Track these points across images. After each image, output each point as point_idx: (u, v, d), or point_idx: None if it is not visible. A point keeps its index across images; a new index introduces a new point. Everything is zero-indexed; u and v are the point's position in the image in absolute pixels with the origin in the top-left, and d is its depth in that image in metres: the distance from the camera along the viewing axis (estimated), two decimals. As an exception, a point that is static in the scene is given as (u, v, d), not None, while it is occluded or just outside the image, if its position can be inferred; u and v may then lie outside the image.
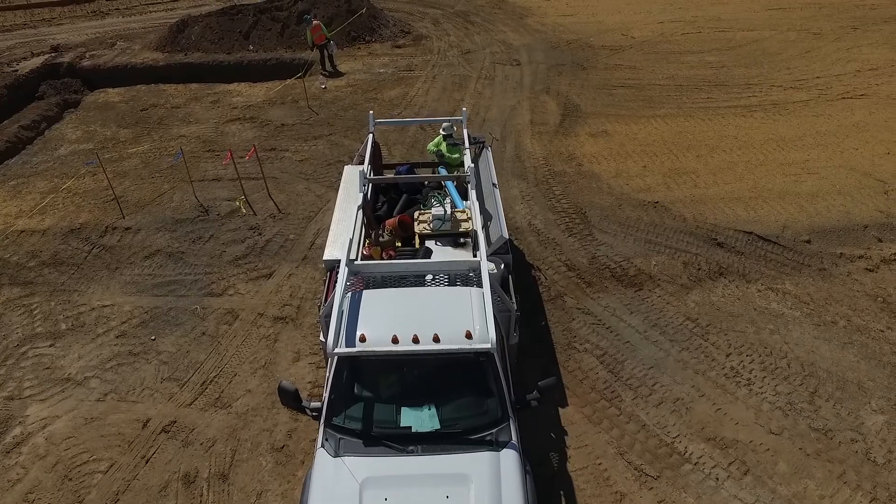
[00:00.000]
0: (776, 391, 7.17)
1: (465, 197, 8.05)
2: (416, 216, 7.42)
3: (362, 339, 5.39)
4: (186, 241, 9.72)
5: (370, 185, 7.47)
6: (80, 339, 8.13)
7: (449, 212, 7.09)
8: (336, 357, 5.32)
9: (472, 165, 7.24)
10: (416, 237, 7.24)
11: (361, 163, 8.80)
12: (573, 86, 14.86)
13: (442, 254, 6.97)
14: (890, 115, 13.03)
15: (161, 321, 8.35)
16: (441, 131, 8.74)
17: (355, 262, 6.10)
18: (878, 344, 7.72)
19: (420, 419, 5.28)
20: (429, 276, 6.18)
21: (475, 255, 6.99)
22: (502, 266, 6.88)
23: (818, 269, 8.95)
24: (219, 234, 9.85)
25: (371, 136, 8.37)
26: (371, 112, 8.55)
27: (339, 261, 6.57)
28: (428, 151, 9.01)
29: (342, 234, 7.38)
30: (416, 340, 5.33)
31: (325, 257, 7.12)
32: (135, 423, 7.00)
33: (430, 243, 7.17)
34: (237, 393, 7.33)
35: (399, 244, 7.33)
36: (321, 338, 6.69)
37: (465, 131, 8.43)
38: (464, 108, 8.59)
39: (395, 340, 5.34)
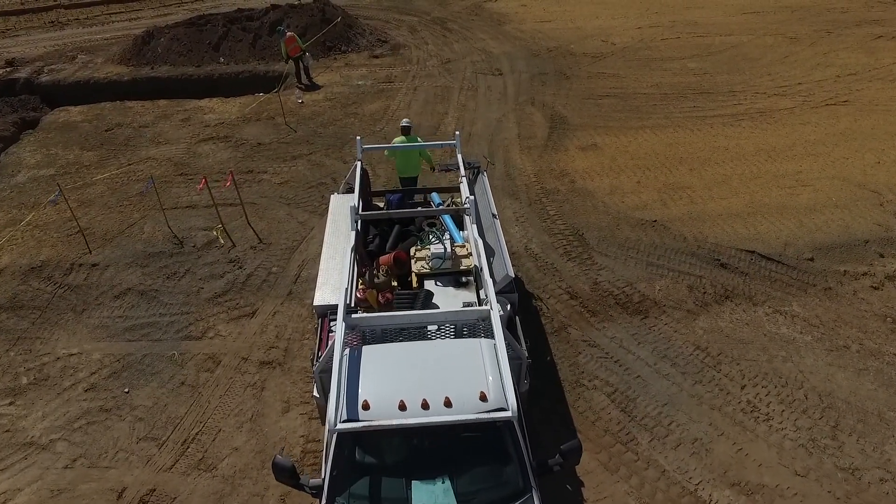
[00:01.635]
0: (797, 426, 6.77)
1: (460, 226, 7.50)
2: (412, 253, 6.80)
3: (365, 407, 4.77)
4: (160, 278, 8.92)
5: (361, 220, 6.82)
6: (43, 395, 7.31)
7: (449, 249, 6.50)
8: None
9: (472, 198, 6.66)
10: (414, 276, 6.63)
11: (349, 192, 8.16)
12: (558, 96, 14.40)
13: (443, 295, 6.38)
14: (874, 121, 12.88)
15: (135, 370, 7.57)
16: (402, 123, 8.95)
17: (353, 316, 5.46)
18: (893, 369, 7.40)
19: (433, 495, 4.68)
20: (433, 326, 5.59)
21: (479, 295, 6.43)
22: (508, 306, 6.32)
23: (823, 288, 8.62)
24: (195, 268, 9.08)
25: (359, 163, 7.72)
26: (359, 138, 7.89)
27: (332, 307, 5.97)
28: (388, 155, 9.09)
29: (332, 275, 6.75)
30: (425, 406, 4.74)
31: (315, 302, 6.46)
32: (109, 493, 6.25)
33: (428, 283, 6.57)
34: (222, 452, 6.62)
35: (395, 283, 6.71)
36: (315, 393, 6.04)
37: (458, 156, 7.83)
38: (457, 132, 8.00)
39: (402, 407, 4.74)
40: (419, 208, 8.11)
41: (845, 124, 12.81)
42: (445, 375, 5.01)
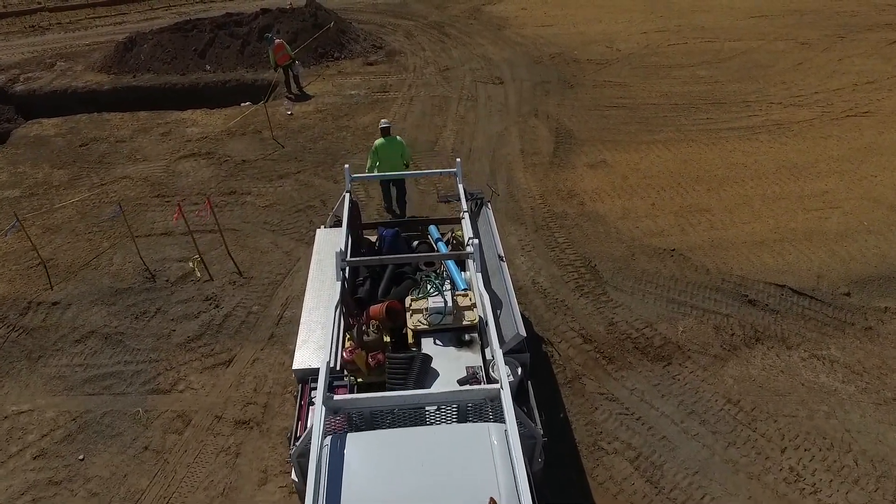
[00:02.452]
0: (849, 501, 5.81)
1: (462, 267, 6.53)
2: (408, 304, 5.82)
3: (349, 521, 3.80)
4: (128, 318, 7.91)
5: (349, 267, 5.82)
6: (-14, 464, 6.31)
7: (450, 303, 5.51)
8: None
9: (476, 241, 5.69)
10: (409, 333, 5.64)
11: (336, 225, 7.17)
12: (563, 107, 13.40)
13: (443, 357, 5.39)
14: (900, 134, 11.94)
15: (92, 432, 6.57)
16: (381, 125, 8.92)
17: (335, 398, 4.47)
18: (952, 428, 6.46)
19: None
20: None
21: (484, 355, 5.45)
22: (518, 369, 5.35)
23: (863, 328, 7.66)
24: (167, 306, 8.07)
25: (347, 195, 6.72)
26: (347, 165, 6.89)
27: (315, 371, 5.00)
28: (370, 159, 8.97)
29: (315, 330, 5.77)
30: (423, 520, 3.77)
31: (295, 366, 5.47)
32: (52, 590, 5.27)
33: (426, 341, 5.58)
34: (188, 536, 5.65)
35: (388, 339, 5.73)
36: (293, 477, 5.06)
37: (459, 186, 6.85)
38: (458, 160, 7.02)
39: (394, 521, 3.77)
40: (415, 243, 7.15)
41: (869, 138, 11.86)
42: (447, 474, 4.04)
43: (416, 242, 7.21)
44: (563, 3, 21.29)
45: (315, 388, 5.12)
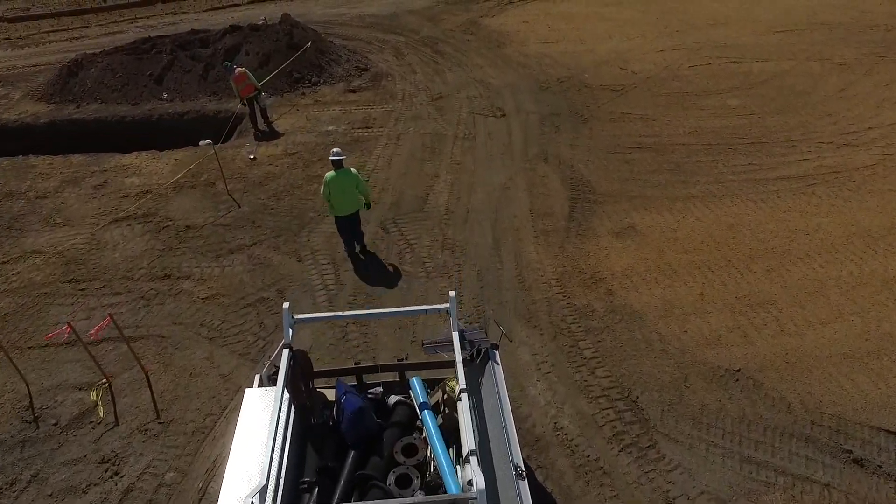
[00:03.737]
0: None
1: (458, 453, 4.13)
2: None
3: None
4: (-10, 492, 5.48)
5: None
6: None
7: None
8: None
9: (483, 487, 3.24)
10: None
11: (272, 380, 4.74)
12: (577, 148, 10.94)
13: None
14: (984, 187, 9.54)
15: None
16: (331, 157, 7.79)
17: None
18: None
19: None
20: None
21: None
22: None
23: None
24: (48, 470, 5.61)
25: (286, 352, 4.29)
26: (286, 305, 4.46)
27: None
28: (323, 196, 7.91)
29: None
30: None
31: None
32: None
33: None
34: None
35: None
36: None
37: (454, 334, 4.43)
38: (451, 292, 4.62)
39: None
40: (391, 400, 4.75)
41: (949, 192, 9.46)
42: None
43: (392, 399, 4.80)
44: (567, 16, 18.78)
45: None
